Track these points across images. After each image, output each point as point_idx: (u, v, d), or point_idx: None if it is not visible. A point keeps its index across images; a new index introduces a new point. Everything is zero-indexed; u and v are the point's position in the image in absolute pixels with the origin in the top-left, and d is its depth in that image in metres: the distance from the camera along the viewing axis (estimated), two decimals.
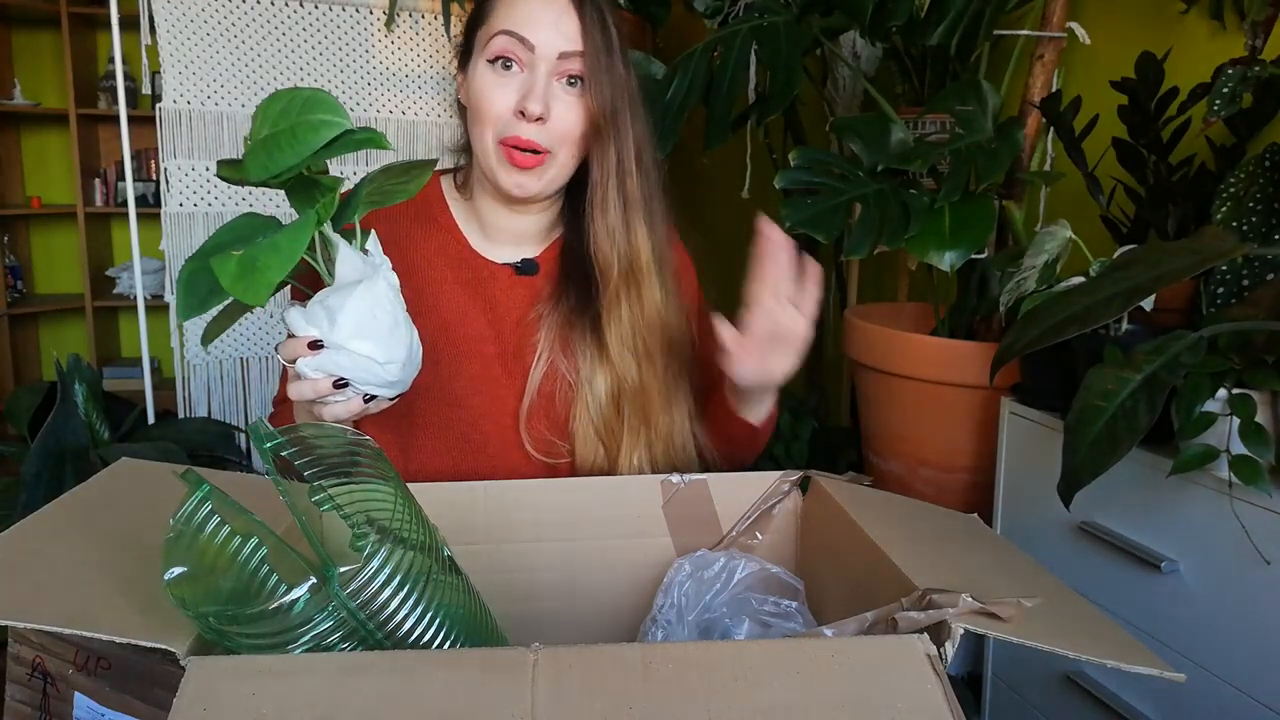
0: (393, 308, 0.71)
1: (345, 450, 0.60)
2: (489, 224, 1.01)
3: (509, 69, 0.90)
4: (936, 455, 1.43)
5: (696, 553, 0.83)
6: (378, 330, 0.69)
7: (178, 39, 1.80)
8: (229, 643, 0.52)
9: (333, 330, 0.68)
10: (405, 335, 0.72)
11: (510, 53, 0.90)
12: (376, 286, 0.70)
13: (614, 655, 0.51)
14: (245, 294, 0.58)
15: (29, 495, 1.43)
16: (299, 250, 0.61)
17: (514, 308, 0.99)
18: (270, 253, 0.59)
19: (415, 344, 0.75)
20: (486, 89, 0.91)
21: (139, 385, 1.95)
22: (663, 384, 0.97)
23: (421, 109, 2.00)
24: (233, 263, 0.58)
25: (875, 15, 1.37)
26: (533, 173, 0.92)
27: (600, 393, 0.96)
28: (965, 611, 0.54)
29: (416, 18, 1.96)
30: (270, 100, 0.65)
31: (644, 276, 0.96)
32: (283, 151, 0.62)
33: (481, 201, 1.00)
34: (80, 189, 3.39)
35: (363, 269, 0.69)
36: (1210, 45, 1.33)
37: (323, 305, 0.69)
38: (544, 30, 0.89)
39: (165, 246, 1.87)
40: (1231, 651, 0.96)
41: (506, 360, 0.98)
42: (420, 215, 1.01)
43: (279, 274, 0.59)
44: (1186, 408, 0.92)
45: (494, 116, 0.91)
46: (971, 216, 1.29)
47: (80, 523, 0.66)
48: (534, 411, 0.97)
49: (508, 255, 1.01)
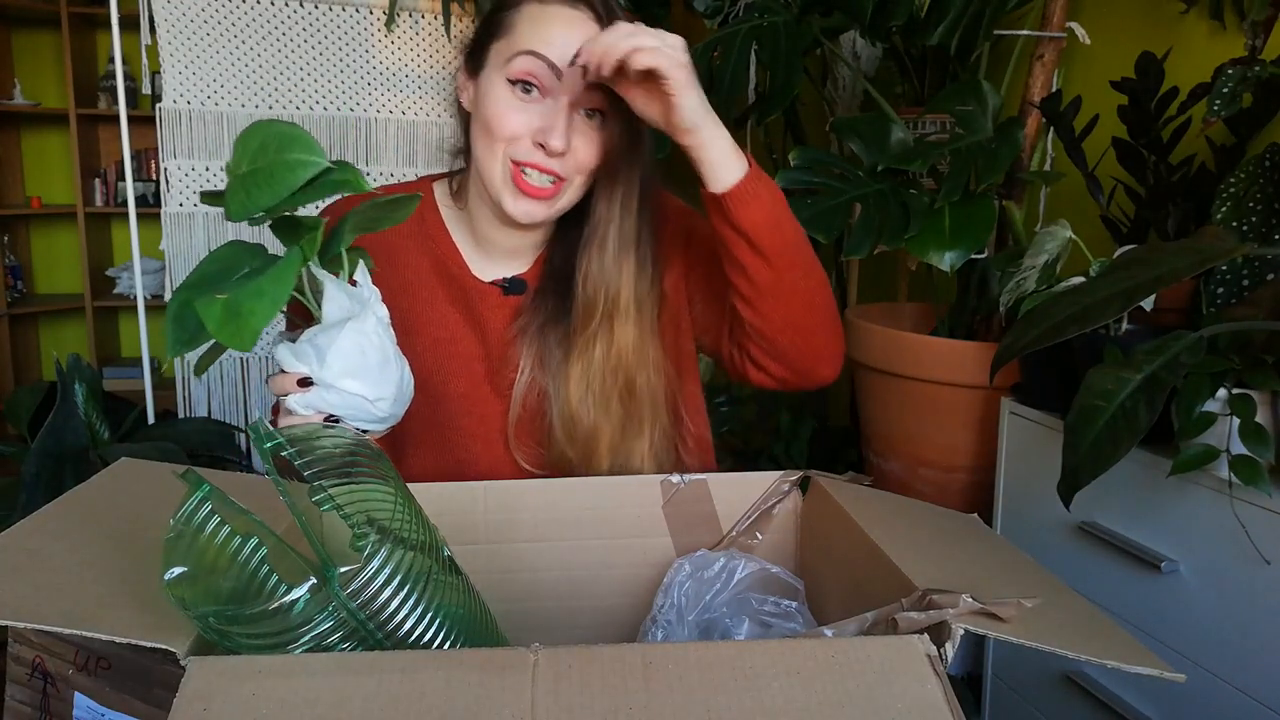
0: (382, 344, 0.70)
1: (345, 450, 0.60)
2: (482, 237, 0.98)
3: (529, 93, 0.86)
4: (936, 455, 1.43)
5: (696, 553, 0.83)
6: (367, 368, 0.69)
7: (178, 39, 1.80)
8: (229, 643, 0.52)
9: (322, 368, 0.68)
10: (395, 371, 0.72)
11: (534, 77, 0.85)
12: (365, 323, 0.69)
13: (614, 655, 0.51)
14: (231, 340, 0.58)
15: (29, 495, 1.43)
16: (284, 295, 0.60)
17: (500, 325, 0.98)
18: (255, 298, 0.59)
19: (406, 377, 0.74)
20: (503, 110, 0.86)
21: (139, 385, 1.95)
22: (613, 427, 0.93)
23: (421, 109, 2.00)
24: (218, 307, 0.58)
25: (875, 15, 1.37)
26: (545, 202, 0.88)
27: (563, 403, 0.94)
28: (965, 612, 0.54)
29: (416, 18, 1.96)
30: (249, 132, 0.64)
31: (622, 316, 0.92)
32: (261, 191, 0.62)
33: (477, 213, 0.97)
34: (80, 189, 3.39)
35: (350, 307, 0.69)
36: (1210, 45, 1.33)
37: (311, 343, 0.68)
38: (571, 56, 0.84)
39: (165, 246, 1.87)
40: (1231, 651, 0.96)
41: (493, 376, 0.97)
42: (413, 228, 0.99)
43: (264, 320, 0.59)
44: (1186, 408, 0.92)
45: (509, 139, 0.86)
46: (971, 216, 1.29)
47: (80, 523, 0.66)
48: (521, 425, 0.96)
49: (496, 270, 0.99)
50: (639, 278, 0.93)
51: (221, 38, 1.84)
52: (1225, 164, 1.21)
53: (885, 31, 1.40)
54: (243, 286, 0.60)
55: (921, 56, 1.68)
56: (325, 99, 1.93)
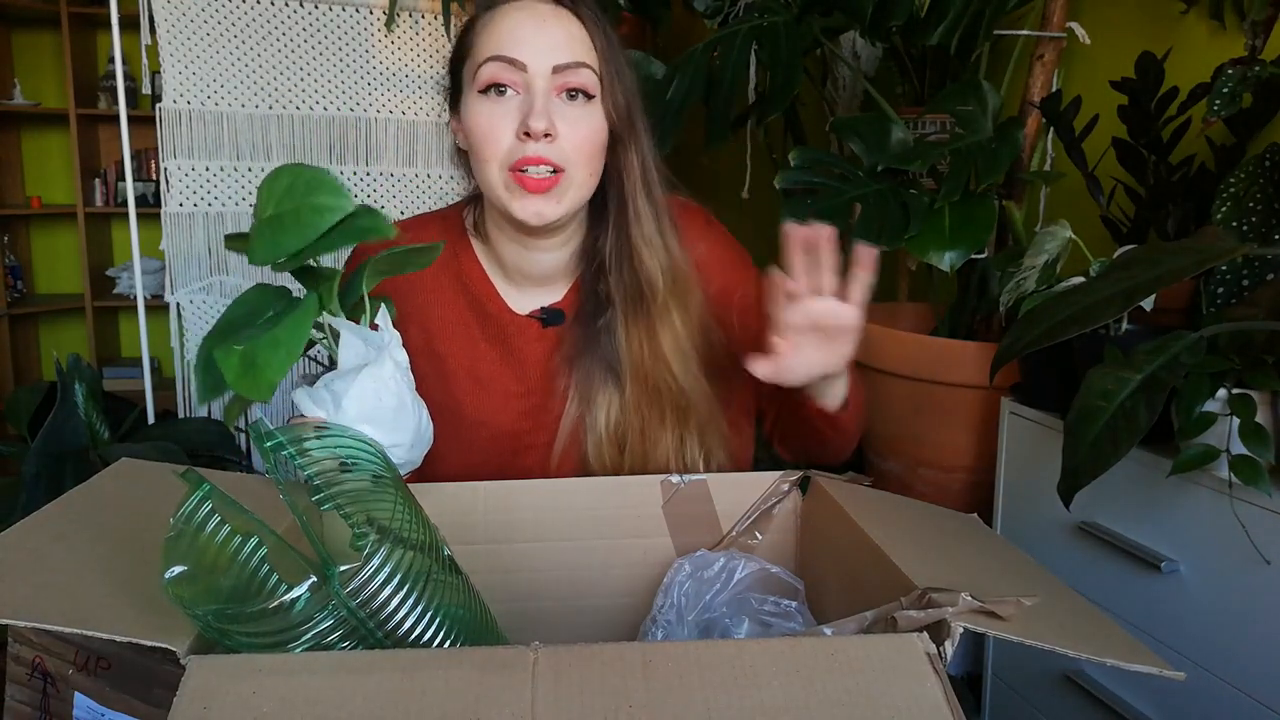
0: (398, 389, 0.70)
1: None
2: (511, 268, 0.96)
3: (503, 94, 0.85)
4: (936, 455, 1.43)
5: (696, 553, 0.83)
6: (382, 414, 0.69)
7: (178, 39, 1.80)
8: (229, 642, 0.52)
9: (338, 414, 0.68)
10: (412, 416, 0.72)
11: (500, 78, 0.84)
12: (382, 369, 0.69)
13: (614, 654, 0.51)
14: (250, 392, 0.59)
15: (29, 495, 1.43)
16: (299, 347, 0.61)
17: (540, 358, 0.96)
18: (270, 349, 0.59)
19: (424, 422, 0.74)
20: (483, 120, 0.85)
21: (139, 385, 1.95)
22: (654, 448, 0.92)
23: (421, 109, 2.00)
24: (235, 359, 0.59)
25: (875, 15, 1.37)
26: (549, 196, 0.85)
27: (601, 428, 0.92)
28: (965, 610, 0.54)
29: (416, 18, 1.96)
30: (275, 176, 0.65)
31: (661, 311, 0.92)
32: (287, 235, 0.62)
33: (499, 244, 0.95)
34: (80, 189, 3.39)
35: (366, 353, 0.69)
36: (1210, 45, 1.33)
37: (328, 389, 0.68)
38: (531, 46, 0.84)
39: (165, 246, 1.87)
40: (1231, 651, 0.96)
41: (536, 412, 0.95)
42: (452, 263, 0.97)
43: (280, 373, 0.59)
44: (1186, 408, 0.92)
45: (497, 146, 0.85)
46: (971, 216, 1.29)
47: (80, 523, 0.66)
48: (565, 456, 0.94)
49: (532, 302, 0.97)
50: (671, 267, 0.92)
51: (221, 38, 1.83)
52: (1225, 164, 1.21)
53: (885, 31, 1.40)
54: (258, 337, 0.60)
55: (921, 56, 1.68)
56: (325, 99, 1.93)
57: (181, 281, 1.89)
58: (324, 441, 0.61)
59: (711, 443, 0.94)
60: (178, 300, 1.88)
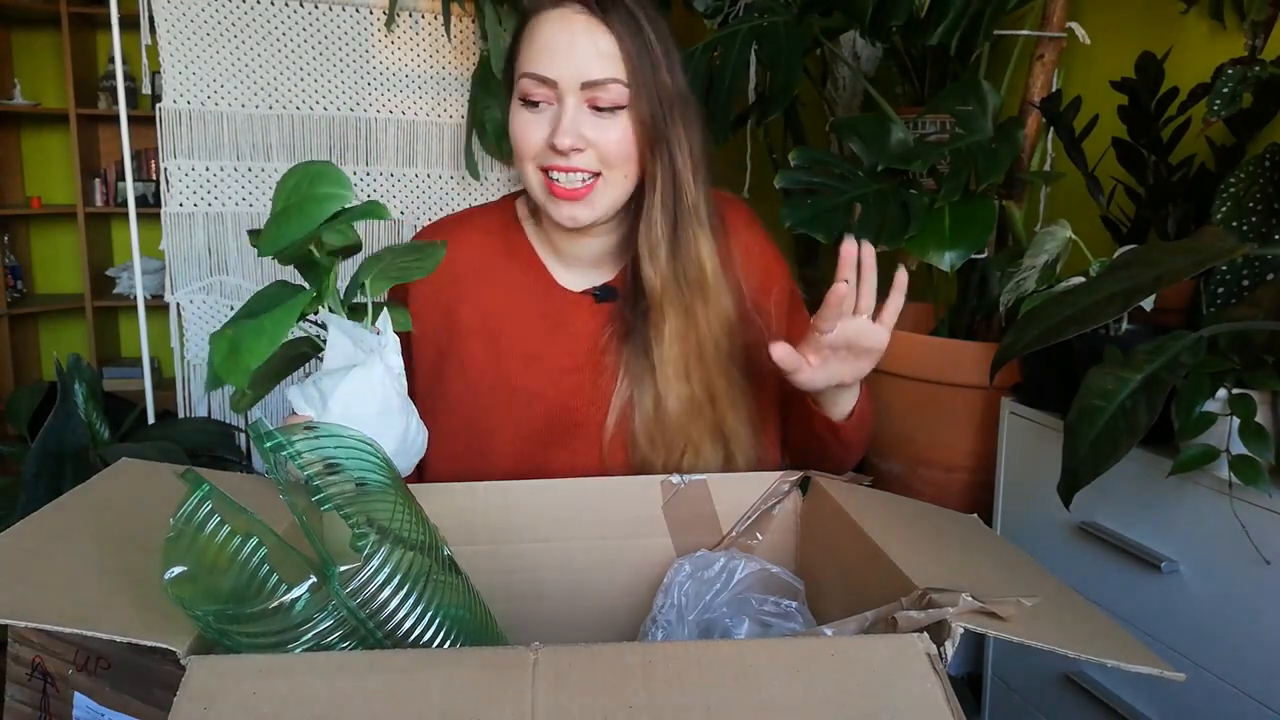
0: (385, 394, 0.70)
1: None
2: (561, 250, 1.00)
3: (536, 107, 0.90)
4: (936, 455, 1.43)
5: (696, 553, 0.83)
6: (364, 417, 0.68)
7: (178, 39, 1.80)
8: (229, 642, 0.52)
9: (324, 413, 0.68)
10: (398, 423, 0.71)
11: (533, 94, 0.89)
12: (371, 371, 0.69)
13: (614, 655, 0.51)
14: (229, 376, 0.60)
15: (29, 495, 1.43)
16: (280, 335, 0.61)
17: (594, 332, 0.98)
18: (254, 336, 0.60)
19: (412, 430, 0.73)
20: (519, 128, 0.91)
21: (139, 385, 1.95)
22: (698, 430, 0.94)
23: (421, 109, 2.00)
24: (224, 342, 0.60)
25: (875, 15, 1.37)
26: (582, 202, 0.91)
27: (649, 409, 0.94)
28: (965, 611, 0.54)
29: (416, 18, 1.96)
30: (287, 176, 0.67)
31: (707, 291, 0.93)
32: (291, 225, 0.64)
33: (550, 228, 0.99)
34: (80, 189, 3.39)
35: (354, 353, 0.69)
36: (1210, 45, 1.33)
37: (317, 386, 0.69)
38: (562, 63, 0.87)
39: (165, 246, 1.87)
40: (1231, 651, 0.96)
41: (588, 388, 0.97)
42: (503, 246, 1.01)
43: (257, 359, 0.60)
44: (1186, 408, 0.92)
45: (531, 152, 0.91)
46: (971, 216, 1.29)
47: (80, 523, 0.66)
48: (616, 432, 0.96)
49: (585, 280, 1.01)
50: (712, 260, 0.94)
51: (221, 38, 1.83)
52: (1225, 164, 1.21)
53: (885, 31, 1.40)
54: (246, 324, 0.60)
55: (921, 56, 1.68)
56: (325, 99, 1.92)
57: (181, 281, 1.88)
58: (317, 441, 0.61)
59: (744, 434, 0.96)
60: (178, 300, 1.88)
